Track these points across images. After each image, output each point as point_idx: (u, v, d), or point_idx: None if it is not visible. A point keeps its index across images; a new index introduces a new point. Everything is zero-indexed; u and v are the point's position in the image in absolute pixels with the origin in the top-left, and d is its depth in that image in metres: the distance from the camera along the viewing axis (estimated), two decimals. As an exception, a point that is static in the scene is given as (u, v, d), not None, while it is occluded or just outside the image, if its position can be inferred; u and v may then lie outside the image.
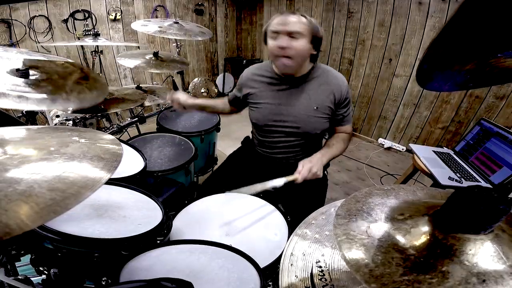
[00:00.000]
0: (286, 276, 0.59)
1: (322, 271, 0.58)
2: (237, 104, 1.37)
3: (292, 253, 0.64)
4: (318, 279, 0.56)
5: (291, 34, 1.02)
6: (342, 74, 1.21)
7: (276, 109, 1.18)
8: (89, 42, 1.66)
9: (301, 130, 1.18)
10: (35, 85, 0.81)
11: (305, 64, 1.14)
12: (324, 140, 1.35)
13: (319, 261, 0.61)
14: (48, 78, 0.90)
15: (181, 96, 1.30)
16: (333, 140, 1.23)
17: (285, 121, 1.18)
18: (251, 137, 1.47)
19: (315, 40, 1.08)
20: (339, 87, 1.15)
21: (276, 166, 1.30)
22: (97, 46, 2.53)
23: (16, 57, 0.92)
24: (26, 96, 0.78)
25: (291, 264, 0.61)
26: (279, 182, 1.00)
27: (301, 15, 1.05)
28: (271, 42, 1.07)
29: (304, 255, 0.63)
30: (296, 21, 1.02)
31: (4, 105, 0.75)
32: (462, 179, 1.52)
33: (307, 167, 1.05)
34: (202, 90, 3.51)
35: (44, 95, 0.77)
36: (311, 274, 0.58)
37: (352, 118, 1.27)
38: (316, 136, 1.22)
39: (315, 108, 1.15)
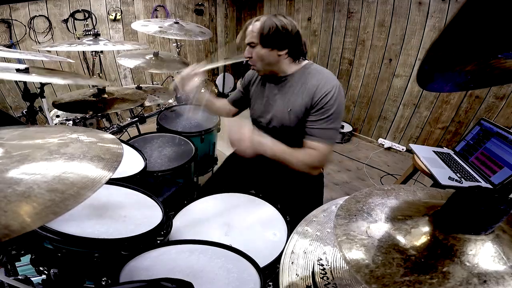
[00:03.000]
0: (287, 274, 0.58)
1: (324, 269, 0.58)
2: (239, 104, 1.40)
3: (293, 251, 0.63)
4: (320, 278, 0.56)
5: (250, 45, 1.09)
6: (342, 74, 1.17)
7: (263, 106, 1.22)
8: (89, 46, 1.61)
9: (279, 129, 1.16)
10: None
11: (283, 65, 1.09)
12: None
13: (320, 259, 0.60)
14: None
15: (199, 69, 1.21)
16: (297, 149, 1.03)
17: (267, 118, 1.21)
18: None
19: (267, 41, 1.02)
20: (315, 89, 1.02)
21: (272, 164, 1.30)
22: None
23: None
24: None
25: (292, 262, 0.60)
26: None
27: (257, 20, 1.05)
28: None
29: (305, 253, 0.62)
30: (249, 31, 1.07)
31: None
32: (462, 179, 1.52)
33: (235, 138, 0.95)
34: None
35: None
36: (313, 272, 0.57)
37: (331, 139, 1.02)
38: (295, 137, 1.10)
39: (288, 110, 1.10)
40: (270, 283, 0.82)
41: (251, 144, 0.95)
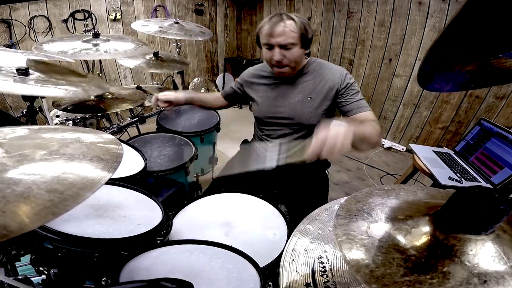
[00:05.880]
0: (287, 271, 0.58)
1: (324, 267, 0.58)
2: (231, 99, 1.43)
3: (294, 248, 0.63)
4: (320, 275, 0.56)
5: (283, 46, 1.04)
6: None
7: (273, 102, 1.22)
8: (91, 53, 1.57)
9: (296, 121, 1.20)
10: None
11: (301, 62, 1.16)
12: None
13: (321, 257, 0.60)
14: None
15: (169, 94, 1.28)
16: (360, 122, 0.99)
17: (281, 113, 1.22)
18: (249, 139, 1.49)
19: (305, 42, 1.07)
20: (334, 77, 1.14)
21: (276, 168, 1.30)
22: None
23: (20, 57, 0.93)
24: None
25: (293, 259, 0.60)
26: (272, 162, 0.93)
27: (290, 19, 1.02)
28: (265, 52, 1.11)
29: (306, 250, 0.62)
30: (286, 31, 1.01)
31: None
32: (462, 179, 1.52)
33: (321, 136, 0.71)
34: (202, 90, 3.50)
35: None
36: (313, 270, 0.57)
37: (368, 105, 1.13)
38: (311, 127, 1.18)
39: (309, 98, 1.16)
40: (270, 283, 0.82)
41: (347, 136, 0.74)
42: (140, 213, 0.85)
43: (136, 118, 1.88)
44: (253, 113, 1.34)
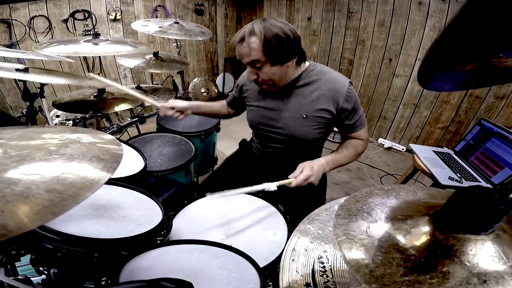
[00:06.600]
0: (287, 271, 0.58)
1: (324, 267, 0.58)
2: (236, 106, 1.37)
3: (294, 248, 0.63)
4: (320, 275, 0.56)
5: (252, 65, 0.98)
6: (342, 74, 1.10)
7: (267, 113, 1.16)
8: (87, 49, 1.54)
9: (290, 138, 1.14)
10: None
11: (289, 73, 1.04)
12: (324, 149, 1.31)
13: (321, 257, 0.60)
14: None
15: (177, 103, 1.25)
16: (343, 147, 1.13)
17: (274, 127, 1.16)
18: (248, 139, 1.48)
19: (275, 57, 0.94)
20: (335, 94, 1.03)
21: (273, 167, 1.30)
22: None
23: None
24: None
25: (293, 260, 0.60)
26: (270, 186, 0.91)
27: (253, 34, 0.91)
28: None
29: (306, 250, 0.62)
30: (247, 51, 0.94)
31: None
32: (462, 179, 1.52)
33: (305, 174, 0.95)
34: (202, 90, 3.51)
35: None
36: (313, 270, 0.57)
37: (364, 122, 1.12)
38: (308, 143, 1.14)
39: (304, 116, 1.07)
40: (270, 283, 0.82)
41: (320, 175, 1.01)
42: (140, 213, 0.85)
43: (136, 118, 1.88)
44: (247, 119, 1.27)
